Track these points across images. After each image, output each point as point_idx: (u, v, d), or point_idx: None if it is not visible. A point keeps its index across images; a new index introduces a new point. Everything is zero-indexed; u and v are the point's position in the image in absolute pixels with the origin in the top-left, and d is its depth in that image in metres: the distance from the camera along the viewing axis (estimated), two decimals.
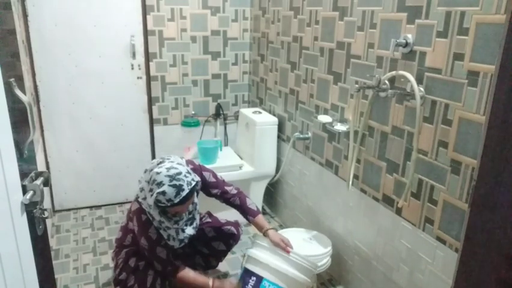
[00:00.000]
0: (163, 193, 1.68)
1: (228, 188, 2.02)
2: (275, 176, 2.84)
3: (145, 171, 1.83)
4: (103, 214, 3.02)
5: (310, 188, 2.50)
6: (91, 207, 3.10)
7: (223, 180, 2.06)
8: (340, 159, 2.17)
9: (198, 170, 1.99)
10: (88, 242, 2.67)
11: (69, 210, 3.05)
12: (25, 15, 2.60)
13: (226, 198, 2.02)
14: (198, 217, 1.99)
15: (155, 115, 3.10)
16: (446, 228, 1.54)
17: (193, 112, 3.20)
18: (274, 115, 2.87)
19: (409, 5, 1.61)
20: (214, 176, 2.03)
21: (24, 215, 0.97)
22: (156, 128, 3.12)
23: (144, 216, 1.82)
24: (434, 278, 1.61)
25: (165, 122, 3.14)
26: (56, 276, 2.26)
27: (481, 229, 0.87)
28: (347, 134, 2.05)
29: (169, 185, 1.69)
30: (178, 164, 1.78)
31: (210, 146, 2.73)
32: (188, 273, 1.87)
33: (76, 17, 2.71)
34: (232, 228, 2.17)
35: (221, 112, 3.27)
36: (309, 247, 2.15)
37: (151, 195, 1.73)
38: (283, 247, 1.83)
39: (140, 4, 2.85)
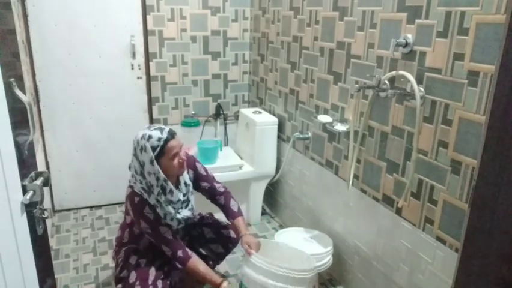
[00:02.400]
0: (150, 137, 1.78)
1: (216, 185, 2.09)
2: (275, 176, 2.84)
3: (132, 156, 1.88)
4: (103, 214, 3.02)
5: (310, 188, 2.50)
6: (91, 207, 3.10)
7: (213, 177, 2.12)
8: (340, 159, 2.17)
9: (191, 159, 2.05)
10: (88, 242, 2.67)
11: (69, 210, 3.05)
12: (25, 15, 2.60)
13: (213, 195, 2.08)
14: (193, 199, 2.02)
15: (155, 115, 3.10)
16: (446, 228, 1.54)
17: (193, 112, 3.20)
18: (274, 115, 2.86)
19: (409, 5, 1.61)
20: (205, 170, 2.10)
21: (24, 215, 0.97)
22: None
23: (137, 198, 1.85)
24: (434, 278, 1.61)
25: (165, 122, 3.14)
26: (56, 276, 2.26)
27: (481, 229, 0.87)
28: (347, 134, 2.05)
29: (150, 131, 1.80)
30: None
31: (210, 146, 2.73)
32: (199, 265, 1.87)
33: (76, 17, 2.71)
34: (232, 232, 2.14)
35: (221, 112, 3.27)
36: (310, 246, 2.15)
37: (145, 150, 1.78)
38: (245, 248, 1.89)
39: (140, 4, 2.85)
